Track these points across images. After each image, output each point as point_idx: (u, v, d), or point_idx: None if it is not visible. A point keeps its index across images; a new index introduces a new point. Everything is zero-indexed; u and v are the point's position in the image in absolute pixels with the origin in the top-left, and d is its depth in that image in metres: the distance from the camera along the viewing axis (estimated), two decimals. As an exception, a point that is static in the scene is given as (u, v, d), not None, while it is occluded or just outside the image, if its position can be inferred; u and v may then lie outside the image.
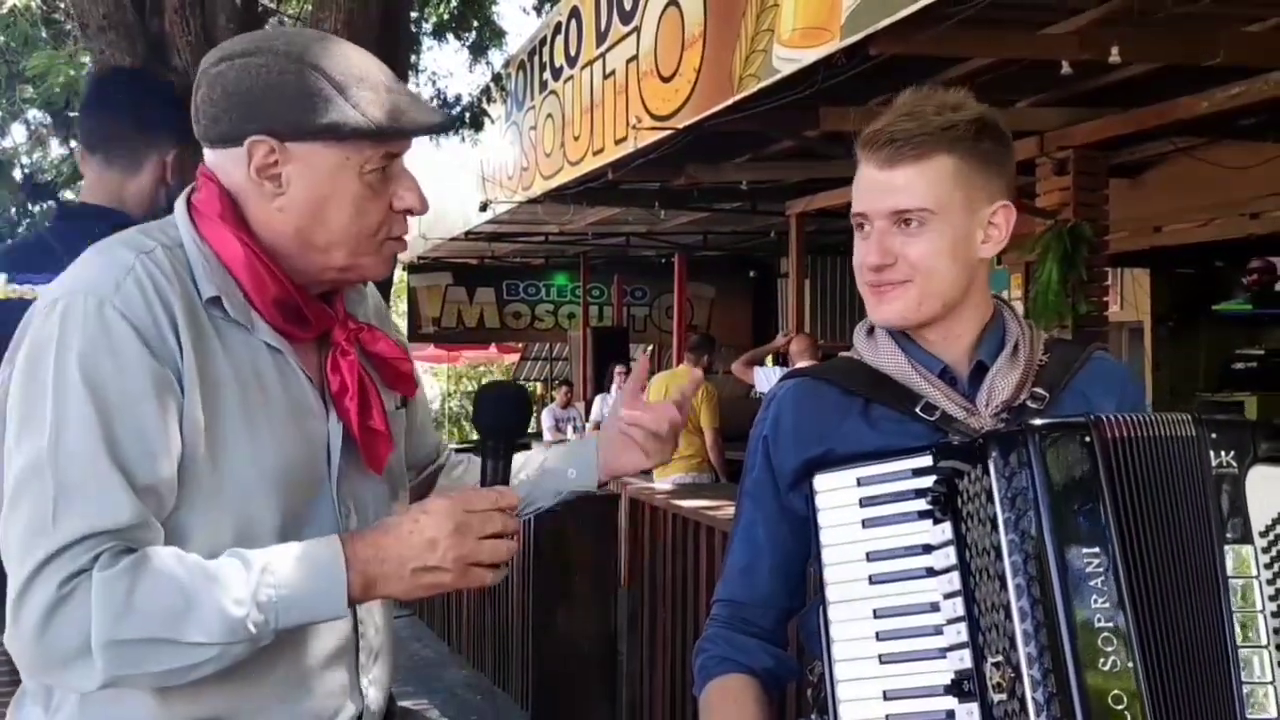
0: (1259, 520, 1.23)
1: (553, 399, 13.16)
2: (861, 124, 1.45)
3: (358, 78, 1.25)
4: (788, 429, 1.45)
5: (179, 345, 1.21)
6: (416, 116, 1.28)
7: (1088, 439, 1.23)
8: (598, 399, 10.53)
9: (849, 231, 1.46)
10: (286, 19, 6.84)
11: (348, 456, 1.34)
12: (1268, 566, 1.22)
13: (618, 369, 10.22)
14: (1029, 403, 1.40)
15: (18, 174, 11.81)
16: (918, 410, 1.40)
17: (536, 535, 4.87)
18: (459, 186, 9.92)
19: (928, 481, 1.30)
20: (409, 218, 1.32)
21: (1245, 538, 1.22)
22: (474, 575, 1.24)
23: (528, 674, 4.93)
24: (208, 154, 1.30)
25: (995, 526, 1.21)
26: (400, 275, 17.32)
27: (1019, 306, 6.79)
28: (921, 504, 1.29)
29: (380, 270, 1.34)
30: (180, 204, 1.31)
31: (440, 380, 23.53)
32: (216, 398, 1.23)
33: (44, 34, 9.29)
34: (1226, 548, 1.22)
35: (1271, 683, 1.19)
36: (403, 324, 16.73)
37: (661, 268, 13.02)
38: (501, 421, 1.34)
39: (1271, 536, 1.23)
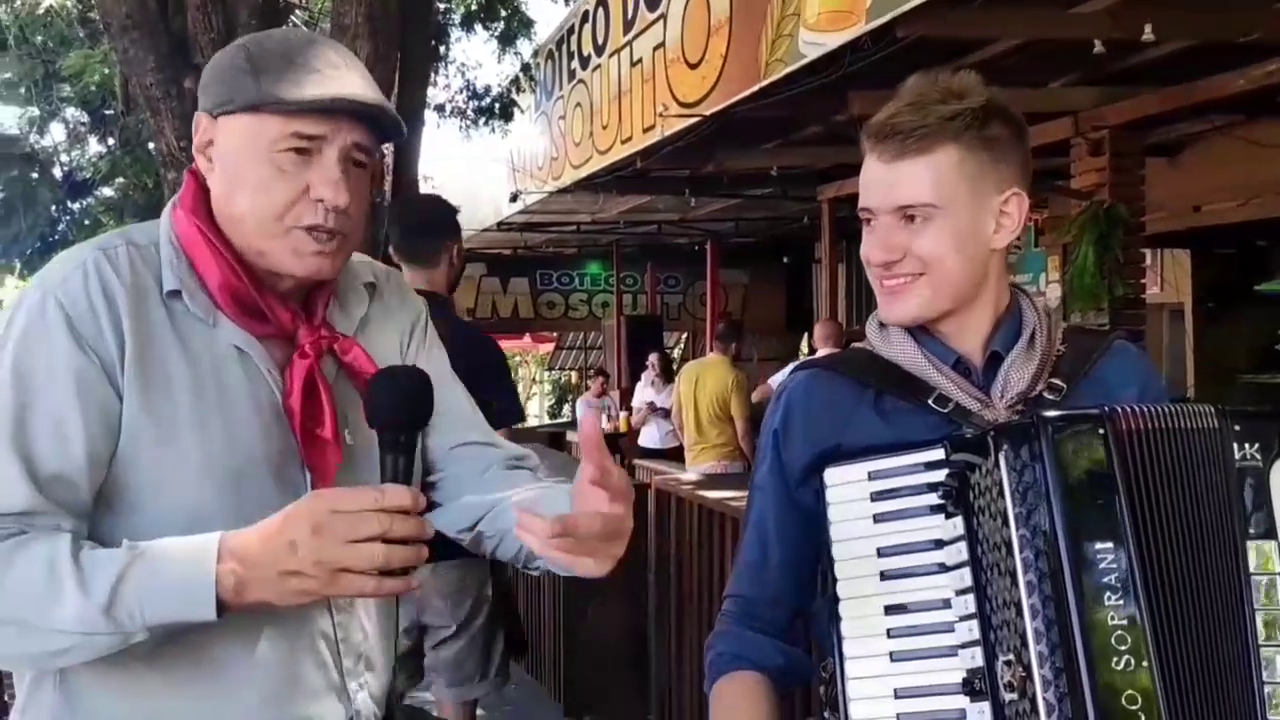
0: None
1: (587, 388, 13.17)
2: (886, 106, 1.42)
3: (283, 55, 1.26)
4: (798, 422, 1.43)
5: (119, 338, 1.22)
6: (311, 92, 1.24)
7: (1102, 431, 1.19)
8: (639, 386, 10.53)
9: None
10: (307, 14, 6.87)
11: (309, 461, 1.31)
12: None
13: (652, 357, 10.20)
14: (1046, 394, 1.37)
15: (57, 172, 11.98)
16: (930, 402, 1.37)
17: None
18: (491, 178, 9.94)
19: (940, 475, 1.27)
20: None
21: (1270, 533, 1.18)
22: (345, 582, 1.12)
23: (560, 664, 4.94)
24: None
25: (1006, 521, 1.18)
26: (434, 266, 17.40)
27: (1055, 290, 6.71)
28: (933, 498, 1.26)
29: (294, 264, 1.27)
30: (170, 203, 1.33)
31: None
32: (169, 387, 1.24)
33: (80, 33, 9.39)
34: (1249, 543, 1.18)
35: None
36: (437, 315, 16.77)
37: (694, 255, 12.98)
38: (398, 412, 1.22)
39: None
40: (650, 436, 9.40)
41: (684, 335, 15.47)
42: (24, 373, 1.20)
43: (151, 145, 5.72)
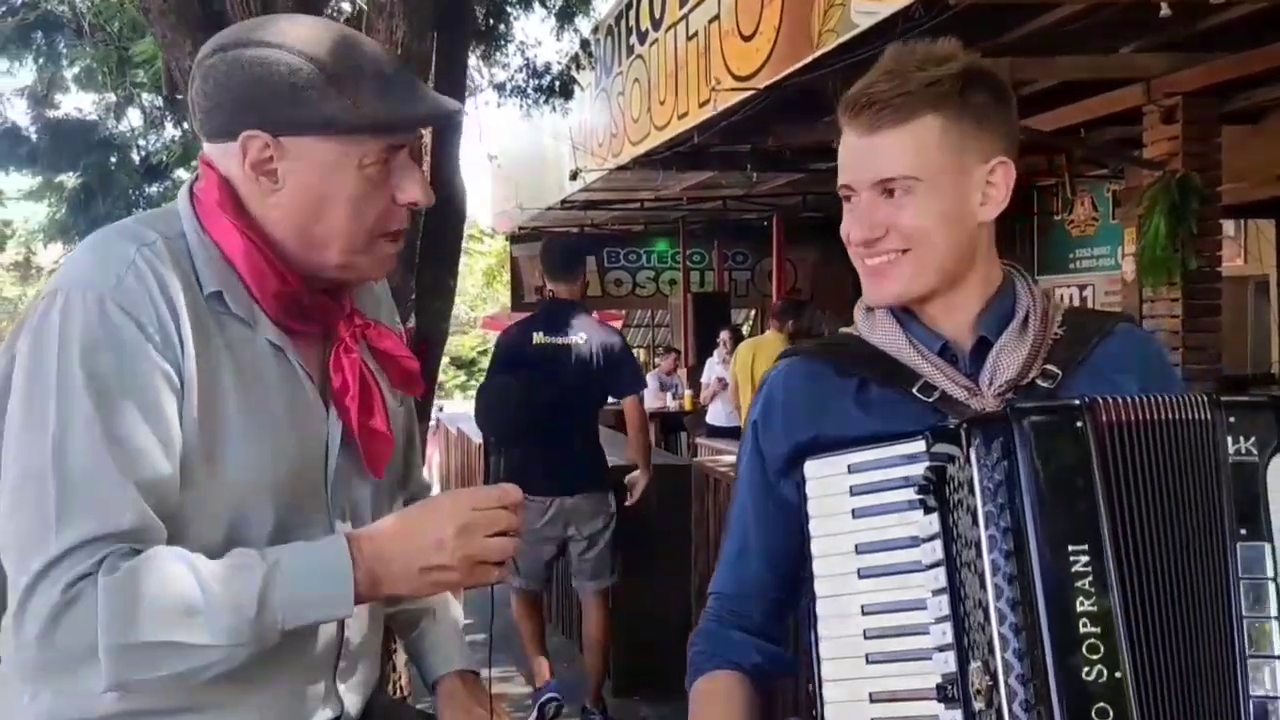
0: None
1: (655, 365, 13.13)
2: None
3: (354, 67, 1.19)
4: (777, 413, 1.37)
5: (180, 340, 1.18)
6: (416, 110, 1.22)
7: (1081, 423, 1.11)
8: (708, 363, 10.46)
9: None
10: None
11: (345, 459, 1.30)
12: None
13: (724, 334, 10.12)
14: (1039, 381, 1.29)
15: (135, 157, 12.25)
16: (915, 391, 1.30)
17: (617, 505, 4.84)
18: (554, 156, 9.92)
19: (919, 468, 1.20)
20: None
21: (1262, 534, 1.08)
22: (480, 573, 1.21)
23: (611, 642, 4.93)
24: (206, 146, 1.26)
25: (977, 520, 1.11)
26: (503, 246, 17.48)
27: (1131, 264, 6.49)
28: (912, 493, 1.20)
29: (376, 270, 1.29)
30: (183, 194, 1.27)
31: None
32: (216, 396, 1.20)
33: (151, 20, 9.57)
34: (1239, 545, 1.08)
35: None
36: (506, 294, 16.87)
37: (762, 231, 12.82)
38: (503, 419, 1.30)
39: None
40: (718, 414, 9.34)
41: (752, 312, 15.32)
42: (100, 382, 1.13)
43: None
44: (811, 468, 1.27)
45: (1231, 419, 1.12)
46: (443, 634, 1.48)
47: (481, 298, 26.88)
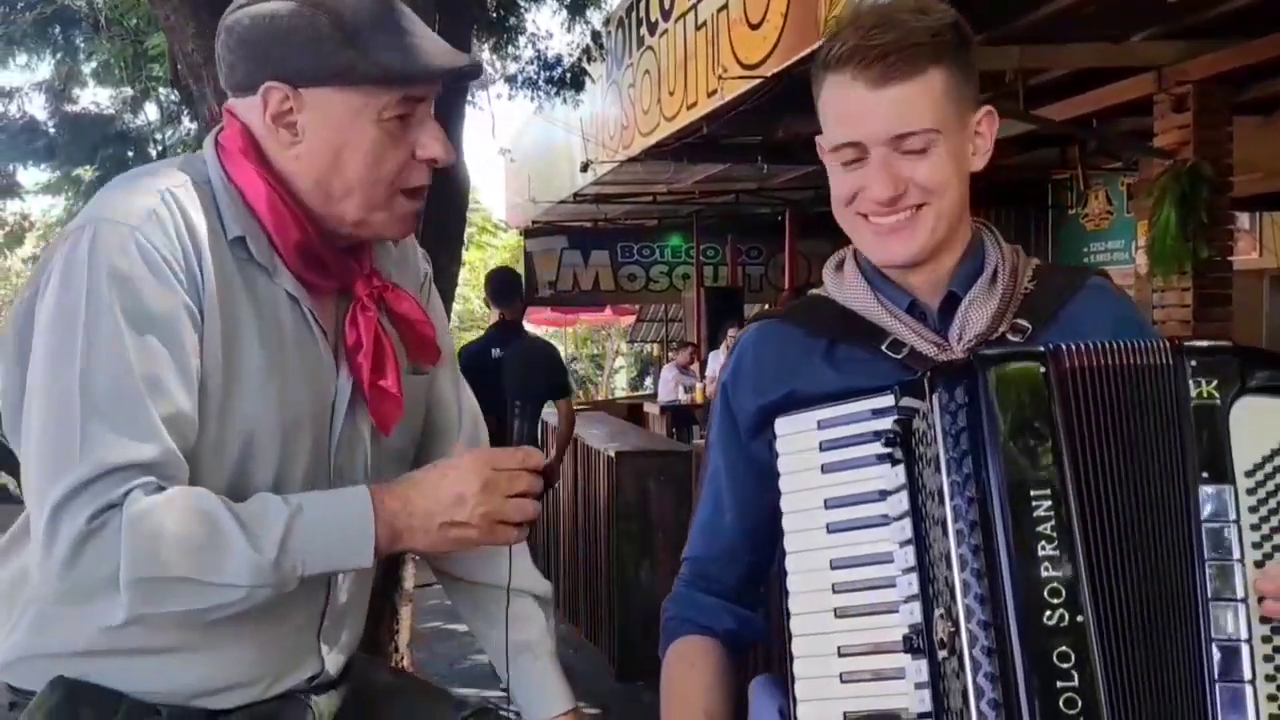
0: (1246, 458, 1.08)
1: (669, 359, 13.13)
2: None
3: (372, 19, 1.21)
4: (747, 374, 1.37)
5: (203, 279, 1.19)
6: (433, 61, 1.23)
7: (1044, 369, 1.11)
8: (711, 355, 10.46)
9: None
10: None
11: (352, 419, 1.31)
12: (1253, 510, 1.07)
13: (732, 330, 10.12)
14: (1009, 335, 1.28)
15: (152, 150, 12.31)
16: (884, 348, 1.30)
17: (620, 494, 4.85)
18: (566, 150, 9.93)
19: (889, 422, 1.19)
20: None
21: (1223, 476, 1.07)
22: (500, 532, 1.23)
23: (614, 629, 4.94)
24: (231, 100, 1.28)
25: (939, 468, 1.11)
26: (517, 240, 17.49)
27: (1143, 256, 6.44)
28: (879, 447, 1.19)
29: (394, 228, 1.29)
30: (208, 141, 1.28)
31: (563, 344, 23.77)
32: (234, 339, 1.21)
33: (168, 13, 9.62)
34: (1202, 488, 1.07)
35: (1248, 641, 1.04)
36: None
37: (775, 225, 12.78)
38: (529, 383, 1.30)
39: (1260, 476, 1.07)
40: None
41: (766, 306, 15.31)
42: (132, 316, 1.15)
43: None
44: (782, 424, 1.27)
45: (1193, 363, 1.11)
46: (542, 673, 1.48)
47: (496, 293, 26.96)
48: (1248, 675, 1.04)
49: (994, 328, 1.28)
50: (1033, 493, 1.07)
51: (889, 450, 1.18)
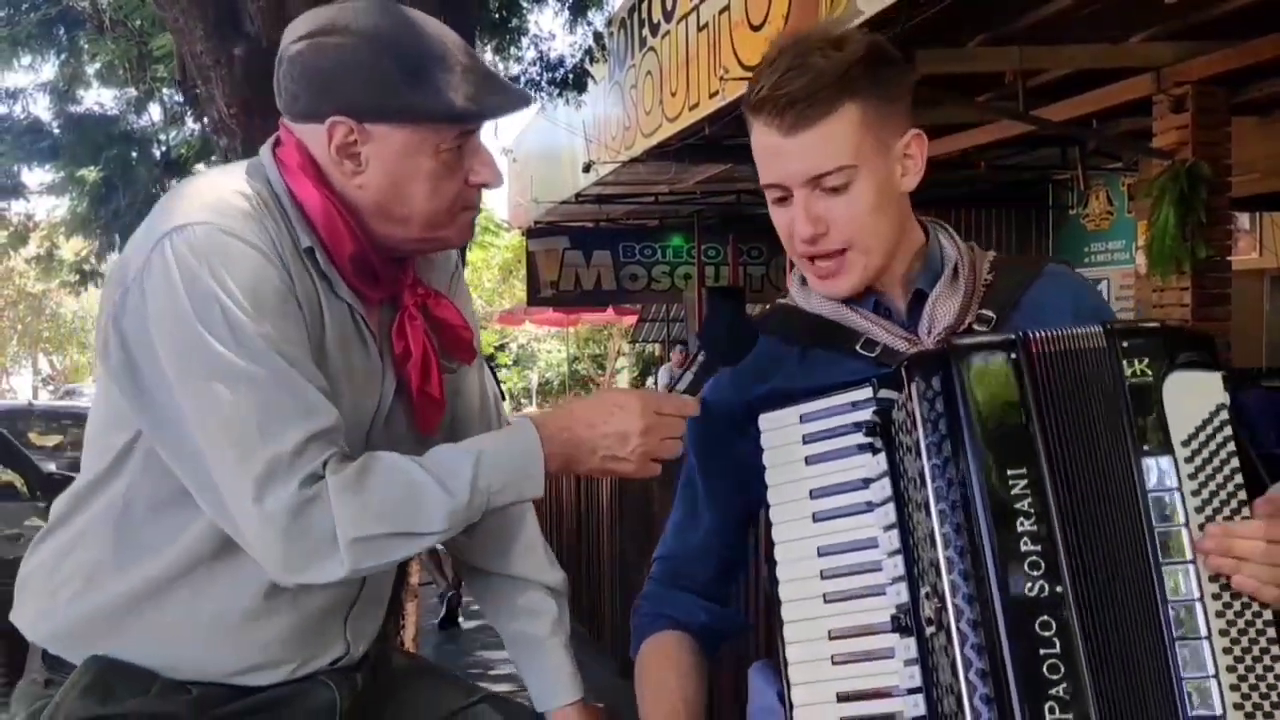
0: (1181, 430, 1.14)
1: (669, 359, 13.18)
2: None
3: (435, 58, 1.25)
4: (726, 375, 1.39)
5: (293, 281, 1.26)
6: (491, 99, 1.29)
7: (1014, 356, 1.16)
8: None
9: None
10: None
11: (390, 419, 1.38)
12: (1192, 477, 1.13)
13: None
14: (975, 325, 1.33)
15: (155, 151, 12.36)
16: (858, 348, 1.34)
17: (621, 493, 4.89)
18: (569, 151, 9.97)
19: (867, 414, 1.24)
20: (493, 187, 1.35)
21: (1164, 447, 1.13)
22: (649, 469, 1.31)
23: (617, 623, 4.98)
24: (290, 124, 1.32)
25: (920, 453, 1.15)
26: (519, 240, 17.55)
27: (1143, 256, 6.47)
28: (860, 437, 1.24)
29: (458, 238, 1.36)
30: (267, 155, 1.33)
31: (565, 344, 23.81)
32: (320, 345, 1.28)
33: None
34: (1145, 460, 1.13)
35: (1199, 600, 1.10)
36: (522, 289, 16.94)
37: (777, 226, 12.83)
38: (722, 343, 1.33)
39: (1195, 445, 1.14)
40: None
41: (766, 307, 15.35)
42: (262, 297, 1.21)
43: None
44: (765, 420, 1.31)
45: (1124, 344, 1.16)
46: (552, 663, 1.54)
47: (498, 292, 27.00)
48: (1203, 631, 1.10)
49: (961, 319, 1.33)
50: (1009, 472, 1.12)
51: (870, 440, 1.23)
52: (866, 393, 1.24)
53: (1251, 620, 1.10)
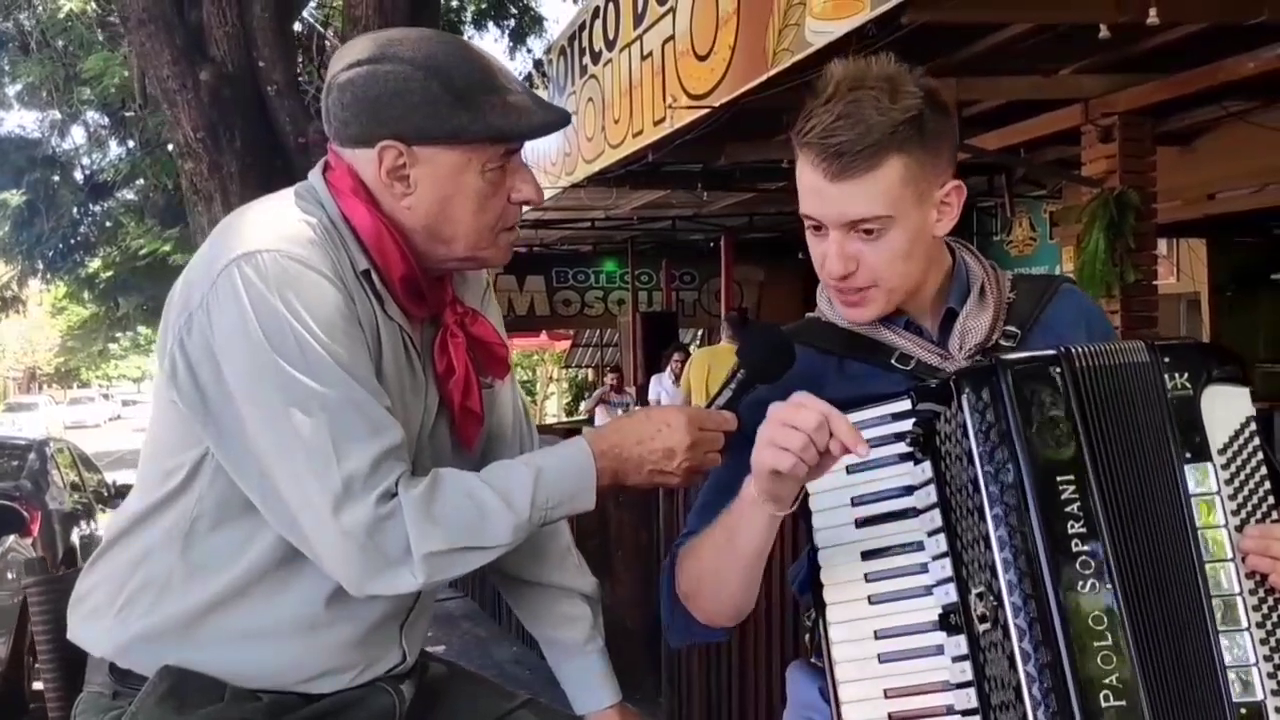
0: (1218, 439, 1.24)
1: (603, 384, 13.22)
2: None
3: (481, 81, 1.31)
4: (768, 394, 1.43)
5: (354, 302, 1.30)
6: (534, 119, 1.34)
7: (1059, 369, 1.24)
8: (654, 379, 10.57)
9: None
10: (325, 9, 6.94)
11: (433, 434, 1.42)
12: (1228, 483, 1.23)
13: (676, 355, 10.24)
14: (1002, 341, 1.42)
15: (79, 175, 12.10)
16: (893, 362, 1.42)
17: (579, 515, 4.91)
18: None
19: (906, 425, 1.31)
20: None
21: (1203, 455, 1.23)
22: (693, 480, 1.39)
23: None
24: (339, 149, 1.37)
25: (972, 460, 1.22)
26: (452, 265, 17.45)
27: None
28: (901, 447, 1.31)
29: (500, 258, 1.41)
30: (318, 179, 1.37)
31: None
32: (380, 363, 1.33)
33: (100, 36, 9.52)
34: (1186, 466, 1.23)
35: (1239, 594, 1.20)
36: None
37: (709, 251, 13.00)
38: (760, 361, 1.39)
39: (1230, 453, 1.24)
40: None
41: (700, 331, 15.50)
42: (329, 321, 1.25)
43: (170, 146, 5.80)
44: None
45: (1166, 359, 1.26)
46: (589, 668, 1.60)
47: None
48: (1243, 624, 1.19)
49: (989, 336, 1.42)
50: (1058, 478, 1.20)
51: (912, 449, 1.30)
52: (905, 405, 1.31)
53: None
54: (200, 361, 1.26)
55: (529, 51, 8.59)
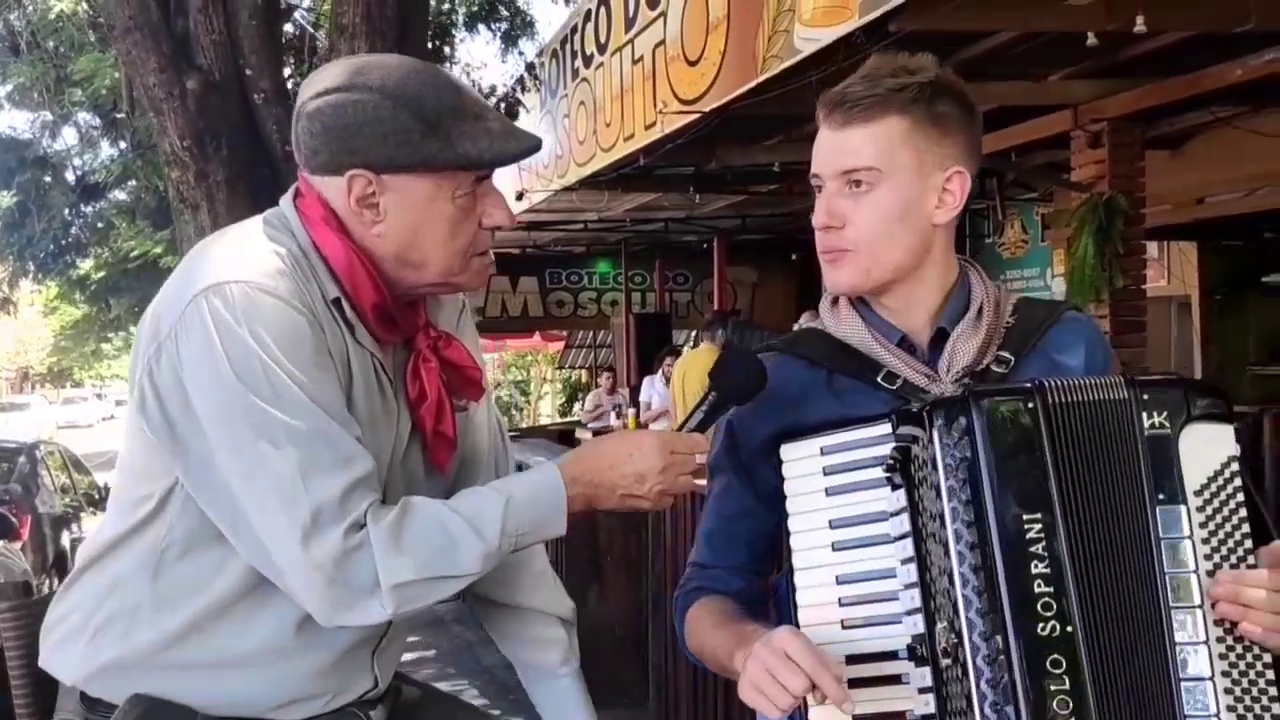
0: (1195, 479, 1.22)
1: (597, 385, 13.22)
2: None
3: (451, 109, 1.31)
4: (752, 405, 1.46)
5: (325, 332, 1.30)
6: (506, 146, 1.34)
7: (1032, 404, 1.23)
8: (646, 381, 10.58)
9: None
10: (312, 15, 6.93)
11: (406, 458, 1.42)
12: (1202, 526, 1.20)
13: (668, 359, 10.24)
14: (993, 366, 1.40)
15: (70, 176, 12.07)
16: (879, 380, 1.41)
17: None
18: (501, 179, 9.97)
19: (887, 449, 1.30)
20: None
21: (1177, 497, 1.21)
22: (664, 502, 1.39)
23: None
24: (309, 177, 1.36)
25: (940, 494, 1.22)
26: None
27: (1060, 284, 6.72)
28: (880, 471, 1.30)
29: (473, 282, 1.41)
30: (289, 207, 1.37)
31: (489, 370, 23.62)
32: (350, 392, 1.32)
33: (91, 37, 9.49)
34: (1158, 509, 1.21)
35: (1204, 642, 1.18)
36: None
37: (703, 253, 13.00)
38: (730, 384, 1.41)
39: (1206, 495, 1.21)
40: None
41: (693, 333, 15.50)
42: (298, 352, 1.25)
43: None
44: (787, 450, 1.38)
45: (1145, 396, 1.24)
46: (564, 691, 1.61)
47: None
48: (1207, 673, 1.18)
49: (979, 360, 1.40)
50: (1025, 516, 1.20)
51: (889, 475, 1.29)
52: (886, 429, 1.30)
53: (1251, 663, 1.18)
54: (169, 393, 1.26)
55: (520, 54, 8.58)
